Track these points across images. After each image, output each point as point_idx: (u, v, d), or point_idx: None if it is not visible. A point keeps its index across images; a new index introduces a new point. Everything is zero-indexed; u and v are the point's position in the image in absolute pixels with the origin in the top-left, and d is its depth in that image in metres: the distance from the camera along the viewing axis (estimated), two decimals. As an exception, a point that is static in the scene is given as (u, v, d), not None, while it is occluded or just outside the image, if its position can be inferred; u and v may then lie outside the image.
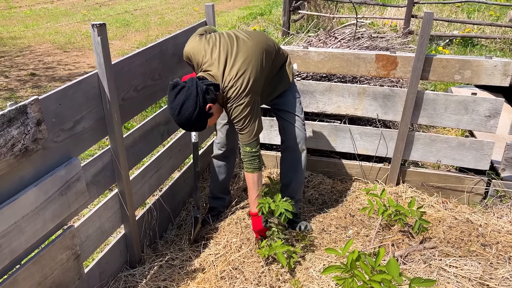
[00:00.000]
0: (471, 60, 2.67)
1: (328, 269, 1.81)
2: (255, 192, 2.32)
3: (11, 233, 1.53)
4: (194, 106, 2.01)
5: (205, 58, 2.17)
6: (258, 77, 2.17)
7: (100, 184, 2.04)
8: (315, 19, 8.30)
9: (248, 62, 2.14)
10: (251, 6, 12.09)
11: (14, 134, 1.48)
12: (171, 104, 2.04)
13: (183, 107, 2.01)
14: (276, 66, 2.38)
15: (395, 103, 2.89)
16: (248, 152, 2.25)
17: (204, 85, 2.04)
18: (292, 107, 2.47)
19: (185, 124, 2.07)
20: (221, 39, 2.21)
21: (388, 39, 4.19)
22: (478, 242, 2.47)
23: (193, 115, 2.02)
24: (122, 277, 2.30)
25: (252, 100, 2.15)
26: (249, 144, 2.23)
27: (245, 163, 2.29)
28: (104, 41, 1.85)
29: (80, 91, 1.82)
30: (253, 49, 2.19)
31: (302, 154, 2.53)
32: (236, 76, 2.10)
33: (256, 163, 2.27)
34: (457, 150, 2.90)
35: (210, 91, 2.06)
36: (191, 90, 2.01)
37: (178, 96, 2.02)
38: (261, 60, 2.20)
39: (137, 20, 10.55)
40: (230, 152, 2.75)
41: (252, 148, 2.24)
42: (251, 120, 2.18)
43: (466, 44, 7.23)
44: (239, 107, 2.13)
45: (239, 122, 2.18)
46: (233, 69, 2.11)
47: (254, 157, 2.26)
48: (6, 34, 9.07)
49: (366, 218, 2.77)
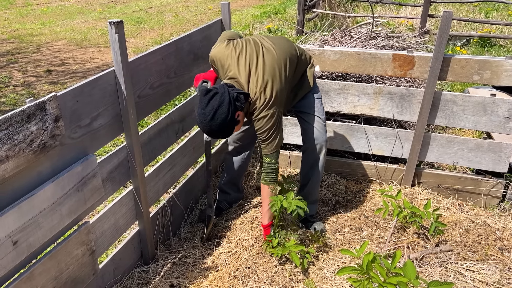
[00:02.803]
0: (491, 60, 2.62)
1: (343, 270, 1.79)
2: (267, 204, 2.34)
3: (29, 227, 1.54)
4: (227, 113, 2.01)
5: (231, 66, 2.18)
6: (283, 88, 2.18)
7: (115, 181, 2.05)
8: (330, 18, 8.24)
9: (273, 72, 2.15)
10: (265, 5, 12.06)
11: (33, 130, 1.49)
12: (203, 110, 2.03)
13: (217, 114, 2.00)
14: (298, 72, 2.38)
15: (411, 104, 2.85)
16: (267, 163, 2.28)
17: (235, 92, 2.05)
18: (313, 108, 2.47)
19: (215, 130, 2.06)
20: (247, 47, 2.21)
21: (404, 39, 4.14)
22: (496, 246, 2.43)
23: (225, 121, 2.02)
24: (135, 274, 2.31)
25: (277, 111, 2.16)
26: (269, 155, 2.25)
27: (263, 174, 2.32)
28: (121, 39, 1.86)
29: (97, 88, 1.83)
30: (278, 58, 2.20)
31: (320, 155, 2.53)
32: (261, 86, 2.12)
33: (272, 176, 2.30)
34: (474, 152, 2.85)
35: (240, 99, 2.06)
36: (224, 96, 2.01)
37: (211, 102, 2.01)
38: (285, 69, 2.21)
39: (152, 18, 10.61)
40: (243, 148, 2.75)
41: (271, 159, 2.26)
42: (274, 132, 2.19)
43: (483, 45, 7.11)
44: (264, 119, 2.15)
45: (263, 134, 2.19)
46: (259, 79, 2.12)
47: (272, 170, 2.29)
48: (24, 31, 9.20)
49: (381, 220, 2.74)
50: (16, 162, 1.44)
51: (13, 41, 8.29)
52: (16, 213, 1.48)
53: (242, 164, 2.82)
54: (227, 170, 2.84)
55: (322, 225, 2.66)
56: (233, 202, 2.94)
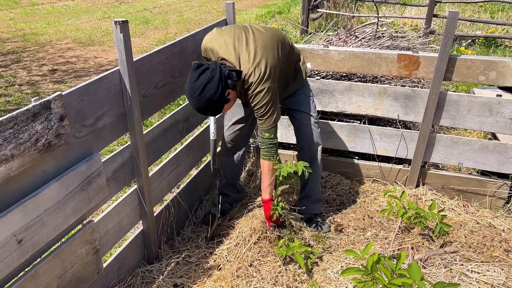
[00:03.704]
0: (497, 61, 2.60)
1: (347, 270, 1.78)
2: (268, 179, 2.34)
3: (33, 226, 1.54)
4: (216, 89, 2.01)
5: (220, 48, 2.19)
6: (276, 64, 2.17)
7: (120, 180, 2.05)
8: (334, 18, 8.23)
9: (264, 49, 2.15)
10: (269, 5, 12.05)
11: (38, 129, 1.49)
12: (193, 83, 2.03)
13: (206, 88, 2.00)
14: (290, 61, 2.38)
15: (416, 104, 2.84)
16: (266, 138, 2.27)
17: (227, 70, 2.05)
18: (305, 106, 2.48)
19: (203, 106, 2.06)
20: (234, 29, 2.24)
21: (409, 39, 4.12)
22: (501, 248, 2.41)
23: (214, 97, 2.02)
24: (139, 273, 2.31)
25: (272, 86, 2.15)
26: (268, 130, 2.25)
27: (262, 150, 2.31)
28: (126, 38, 1.86)
29: (102, 87, 1.83)
30: (269, 38, 2.21)
31: (317, 152, 2.55)
32: (254, 61, 2.11)
33: (273, 151, 2.30)
34: (479, 153, 2.83)
35: (232, 76, 2.07)
36: (215, 72, 2.02)
37: (201, 77, 2.01)
38: (277, 49, 2.21)
39: (156, 17, 10.63)
40: (236, 148, 2.76)
41: (270, 134, 2.26)
42: (271, 107, 2.19)
43: (489, 45, 7.07)
44: (260, 93, 2.14)
45: (260, 109, 2.19)
46: (250, 55, 2.12)
47: (272, 144, 2.28)
48: (29, 30, 9.24)
49: (385, 220, 2.73)
50: (21, 161, 1.44)
51: (18, 40, 8.32)
52: (21, 212, 1.48)
53: (238, 165, 2.82)
54: (224, 172, 2.84)
55: (327, 224, 2.65)
56: (234, 202, 2.94)
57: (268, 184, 2.36)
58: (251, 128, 2.73)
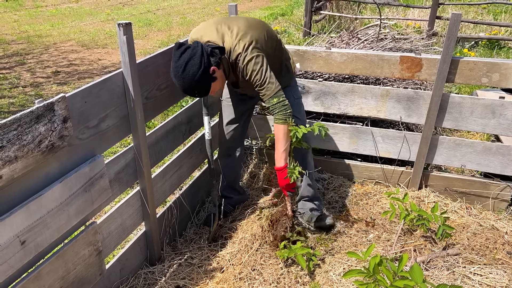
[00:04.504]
0: (500, 63, 2.60)
1: (349, 273, 1.78)
2: (283, 145, 2.22)
3: (36, 227, 1.55)
4: (199, 65, 2.02)
5: (206, 33, 2.20)
6: (262, 40, 2.17)
7: (123, 182, 2.06)
8: (337, 20, 8.23)
9: (248, 28, 2.17)
10: (272, 7, 12.07)
11: (42, 130, 1.50)
12: (175, 63, 2.05)
13: (188, 65, 2.02)
14: (278, 56, 2.37)
15: (419, 106, 2.84)
16: (276, 103, 2.18)
17: (210, 48, 2.07)
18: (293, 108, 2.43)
19: (188, 84, 2.06)
20: (220, 18, 2.27)
21: (412, 41, 4.12)
22: (504, 250, 2.41)
23: (197, 73, 2.03)
24: (141, 274, 2.32)
25: (261, 55, 2.13)
26: (274, 95, 2.17)
27: (276, 115, 2.19)
28: (129, 40, 1.87)
29: (105, 89, 1.84)
30: (254, 23, 2.23)
31: (306, 154, 2.55)
32: (237, 36, 2.13)
33: (288, 112, 2.19)
34: (482, 155, 2.83)
35: (215, 54, 2.08)
36: (196, 50, 2.04)
37: (183, 55, 2.03)
38: (264, 33, 2.22)
39: (159, 19, 10.66)
40: (232, 150, 2.76)
41: (279, 98, 2.17)
42: (267, 72, 2.14)
43: (492, 47, 7.06)
44: (251, 62, 2.12)
45: (257, 77, 2.14)
46: (233, 32, 2.14)
47: (285, 106, 2.19)
48: (33, 32, 9.29)
49: (388, 222, 2.73)
50: (24, 162, 1.45)
51: (22, 42, 8.37)
52: (24, 213, 1.49)
53: (236, 167, 2.84)
54: (223, 176, 2.87)
55: (333, 219, 2.66)
56: (237, 204, 2.95)
57: (283, 150, 2.23)
58: (244, 128, 2.74)
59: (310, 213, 2.67)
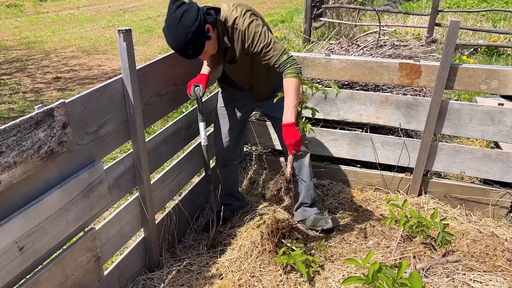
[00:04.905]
0: (499, 69, 2.61)
1: (349, 279, 1.78)
2: (294, 99, 2.14)
3: (35, 233, 1.55)
4: (196, 17, 2.01)
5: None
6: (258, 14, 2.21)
7: (122, 188, 2.06)
8: (337, 27, 8.27)
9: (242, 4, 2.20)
10: (272, 13, 12.13)
11: (41, 136, 1.50)
12: (171, 15, 2.03)
13: (184, 16, 2.00)
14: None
15: (418, 112, 2.84)
16: (285, 59, 2.15)
17: (205, 7, 2.11)
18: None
19: (183, 37, 2.02)
20: None
21: (411, 48, 4.14)
22: (504, 257, 2.40)
23: (193, 25, 2.01)
24: (140, 281, 2.31)
25: (260, 20, 2.17)
26: (284, 52, 2.15)
27: (287, 70, 2.15)
28: (129, 47, 1.88)
29: (105, 95, 1.84)
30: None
31: (304, 160, 2.54)
32: (233, 5, 2.16)
33: (298, 66, 2.16)
34: (482, 161, 2.83)
35: (211, 13, 2.11)
36: (192, 4, 2.05)
37: (178, 9, 2.02)
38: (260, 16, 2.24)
39: (160, 26, 10.70)
40: (228, 160, 2.76)
41: (288, 54, 2.16)
42: (270, 33, 2.16)
43: (491, 54, 7.08)
44: (252, 24, 2.13)
45: (261, 38, 2.13)
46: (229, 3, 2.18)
47: (295, 60, 2.17)
48: (33, 38, 9.32)
49: (387, 229, 2.72)
50: (23, 168, 1.45)
51: (23, 48, 8.39)
52: (23, 218, 1.49)
53: (233, 174, 2.84)
54: (222, 184, 2.87)
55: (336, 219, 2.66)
56: (236, 210, 2.95)
57: (294, 105, 2.14)
58: (239, 138, 2.75)
59: (314, 217, 2.66)
